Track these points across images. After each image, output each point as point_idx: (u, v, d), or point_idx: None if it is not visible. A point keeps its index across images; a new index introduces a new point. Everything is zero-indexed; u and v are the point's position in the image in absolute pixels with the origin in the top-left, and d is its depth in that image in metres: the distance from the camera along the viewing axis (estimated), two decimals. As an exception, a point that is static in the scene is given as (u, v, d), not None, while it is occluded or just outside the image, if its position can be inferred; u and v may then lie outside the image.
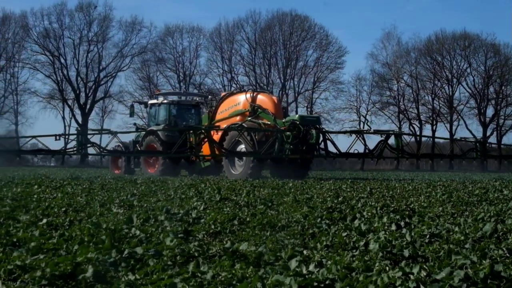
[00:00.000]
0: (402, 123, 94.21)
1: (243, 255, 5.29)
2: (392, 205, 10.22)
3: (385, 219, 7.79)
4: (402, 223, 7.51)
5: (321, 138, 26.89)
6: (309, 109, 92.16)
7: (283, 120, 27.27)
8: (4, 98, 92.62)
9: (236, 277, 4.39)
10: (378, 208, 9.54)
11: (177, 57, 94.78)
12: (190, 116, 35.05)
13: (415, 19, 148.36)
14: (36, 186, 15.17)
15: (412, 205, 10.50)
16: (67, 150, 26.75)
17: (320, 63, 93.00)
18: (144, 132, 33.30)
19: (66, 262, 4.68)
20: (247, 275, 4.45)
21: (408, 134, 27.32)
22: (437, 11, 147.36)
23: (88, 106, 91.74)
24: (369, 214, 8.72)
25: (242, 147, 27.28)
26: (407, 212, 9.10)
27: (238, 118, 28.87)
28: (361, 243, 5.96)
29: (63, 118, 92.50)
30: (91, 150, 30.13)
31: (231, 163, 27.85)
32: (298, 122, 26.30)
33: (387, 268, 4.66)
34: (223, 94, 32.94)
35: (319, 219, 7.88)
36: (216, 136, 28.31)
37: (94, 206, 9.83)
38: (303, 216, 8.32)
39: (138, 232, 6.43)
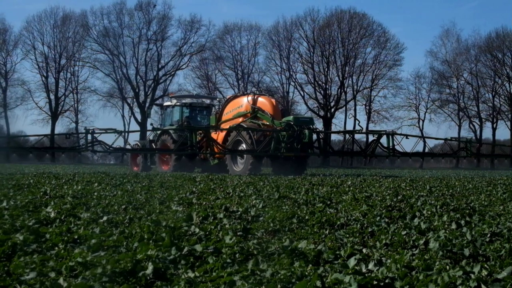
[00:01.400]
0: (462, 121, 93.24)
1: (302, 253, 5.28)
2: (452, 204, 10.14)
3: (445, 218, 7.73)
4: (463, 222, 7.43)
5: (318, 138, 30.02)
6: (367, 107, 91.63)
7: (280, 121, 29.66)
8: (64, 97, 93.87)
9: (295, 275, 4.38)
10: (438, 207, 9.47)
11: (235, 55, 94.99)
12: (202, 117, 36.95)
13: (474, 16, 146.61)
14: (96, 184, 15.33)
15: (473, 203, 10.40)
16: (77, 148, 30.45)
17: (378, 60, 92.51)
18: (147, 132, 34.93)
19: (126, 259, 4.73)
20: (306, 273, 4.45)
21: (400, 134, 29.15)
22: (498, 8, 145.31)
23: (147, 105, 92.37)
24: (429, 212, 8.66)
25: (242, 146, 29.58)
26: (467, 211, 9.02)
27: (240, 119, 31.36)
28: (421, 242, 5.92)
29: (123, 116, 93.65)
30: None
31: (234, 161, 30.26)
32: (292, 123, 28.77)
33: (447, 267, 4.62)
34: (228, 97, 35.11)
35: (378, 218, 7.84)
36: (221, 135, 31.02)
37: (153, 203, 9.89)
38: (362, 215, 8.29)
39: (197, 230, 6.46)
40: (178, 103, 36.67)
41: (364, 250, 5.50)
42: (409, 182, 19.12)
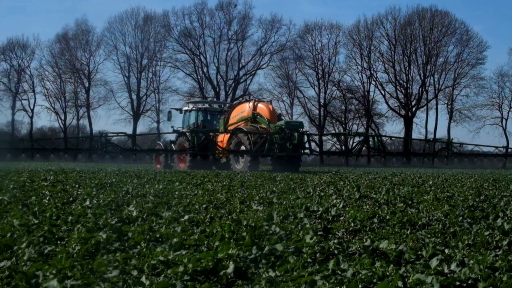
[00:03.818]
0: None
1: (383, 253, 5.25)
2: (537, 204, 9.94)
3: (529, 218, 7.58)
4: (548, 222, 7.28)
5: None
6: (449, 106, 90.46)
7: (275, 125, 32.72)
8: (146, 97, 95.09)
9: (376, 275, 4.36)
10: (522, 207, 9.29)
11: (316, 54, 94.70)
12: (216, 120, 39.42)
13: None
14: (177, 183, 15.47)
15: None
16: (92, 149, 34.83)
17: (460, 59, 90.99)
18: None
19: (208, 258, 4.76)
20: (388, 273, 4.42)
21: (385, 136, 33.29)
22: None
23: (227, 104, 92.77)
24: (513, 213, 8.50)
25: (243, 147, 33.14)
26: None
27: (243, 123, 34.82)
28: (504, 243, 5.82)
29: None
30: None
31: (236, 159, 34.08)
32: (284, 127, 32.00)
33: (533, 268, 4.53)
34: (234, 103, 39.24)
35: (460, 218, 7.74)
36: (226, 137, 34.52)
37: (234, 203, 9.94)
38: (444, 215, 8.19)
39: (278, 229, 6.47)
40: (194, 108, 40.38)
41: (446, 251, 5.43)
42: (492, 182, 18.81)
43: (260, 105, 35.09)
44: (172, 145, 38.84)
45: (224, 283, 4.38)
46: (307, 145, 34.11)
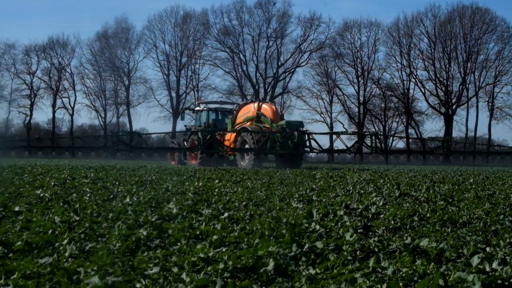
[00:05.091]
0: None
1: (423, 251, 5.22)
2: None
3: None
4: None
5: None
6: (490, 104, 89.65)
7: (277, 124, 34.36)
8: (185, 94, 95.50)
9: (417, 273, 4.34)
10: None
11: (355, 52, 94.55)
12: (226, 120, 40.77)
13: None
14: (217, 181, 15.50)
15: None
16: (104, 147, 36.92)
17: (501, 56, 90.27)
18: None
19: (248, 255, 4.77)
20: (429, 271, 4.39)
21: (382, 135, 35.22)
22: None
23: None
24: (556, 211, 8.40)
25: (247, 145, 34.47)
26: None
27: (248, 123, 36.54)
28: (547, 241, 5.76)
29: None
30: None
31: (241, 157, 35.52)
32: (285, 126, 33.57)
33: None
34: (241, 103, 40.75)
35: (502, 216, 7.67)
36: (233, 136, 36.21)
37: (274, 200, 9.94)
38: (485, 213, 8.12)
39: (317, 227, 6.46)
40: (205, 108, 42.27)
41: (487, 249, 5.38)
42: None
43: (264, 105, 37.01)
44: (185, 143, 40.49)
45: (264, 280, 4.38)
46: (313, 143, 35.22)
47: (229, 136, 36.94)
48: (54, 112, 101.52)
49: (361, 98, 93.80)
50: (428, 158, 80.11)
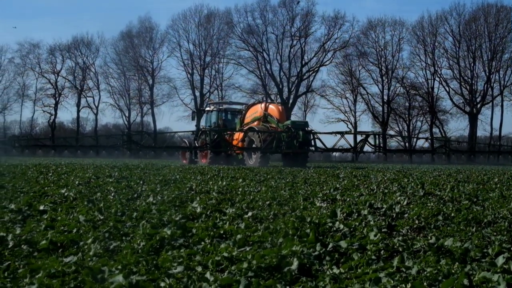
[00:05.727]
0: None
1: (448, 250, 5.20)
2: None
3: None
4: None
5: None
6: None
7: (283, 124, 35.57)
8: (209, 94, 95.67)
9: (441, 272, 4.32)
10: None
11: (379, 51, 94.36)
12: (235, 120, 42.16)
13: None
14: (240, 180, 15.51)
15: None
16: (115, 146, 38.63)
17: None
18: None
19: (272, 254, 4.77)
20: (453, 271, 4.38)
21: (385, 135, 36.43)
22: None
23: (290, 101, 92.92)
24: None
25: (254, 144, 35.36)
26: None
27: (256, 123, 37.56)
28: None
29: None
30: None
31: (249, 156, 36.29)
32: (290, 126, 34.84)
33: None
34: (249, 104, 42.11)
35: (527, 215, 7.63)
36: (241, 135, 36.99)
37: (297, 199, 9.93)
38: (510, 212, 8.07)
39: (341, 226, 6.45)
40: (215, 109, 43.23)
41: (512, 249, 5.36)
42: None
43: (271, 106, 38.06)
44: (196, 142, 41.23)
45: (288, 279, 4.38)
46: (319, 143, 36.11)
47: (238, 136, 37.87)
48: (78, 111, 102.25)
49: (385, 97, 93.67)
50: (453, 157, 79.92)
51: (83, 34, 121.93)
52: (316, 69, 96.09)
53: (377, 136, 37.17)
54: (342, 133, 36.29)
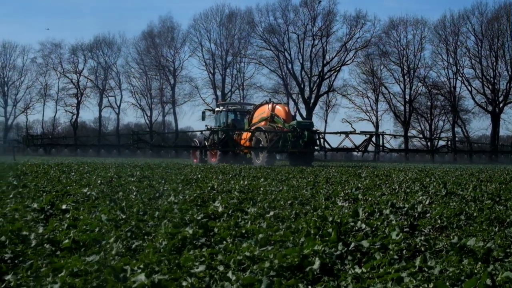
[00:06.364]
0: None
1: (471, 250, 5.18)
2: None
3: None
4: None
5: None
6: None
7: (289, 124, 36.49)
8: (231, 93, 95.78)
9: (464, 272, 4.30)
10: None
11: (401, 50, 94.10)
12: (245, 120, 42.67)
13: None
14: (262, 179, 15.51)
15: None
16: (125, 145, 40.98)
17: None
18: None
19: (293, 254, 4.76)
20: (476, 271, 4.36)
21: (388, 135, 37.00)
22: None
23: (312, 100, 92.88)
24: None
25: (261, 144, 36.41)
26: None
27: (263, 123, 38.65)
28: None
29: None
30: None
31: (256, 155, 37.39)
32: (296, 126, 35.74)
33: None
34: (257, 104, 42.40)
35: (551, 215, 7.58)
36: (249, 135, 38.36)
37: (319, 199, 9.93)
38: (533, 212, 8.03)
39: (363, 226, 6.44)
40: (224, 109, 44.66)
41: (535, 249, 5.33)
42: None
43: (277, 107, 39.19)
44: (205, 141, 41.64)
45: (310, 279, 4.38)
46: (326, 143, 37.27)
47: (246, 135, 39.22)
48: (100, 110, 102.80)
49: (407, 97, 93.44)
50: (473, 157, 79.69)
51: (105, 34, 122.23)
52: (337, 68, 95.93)
53: (380, 136, 37.83)
54: (346, 133, 36.98)
